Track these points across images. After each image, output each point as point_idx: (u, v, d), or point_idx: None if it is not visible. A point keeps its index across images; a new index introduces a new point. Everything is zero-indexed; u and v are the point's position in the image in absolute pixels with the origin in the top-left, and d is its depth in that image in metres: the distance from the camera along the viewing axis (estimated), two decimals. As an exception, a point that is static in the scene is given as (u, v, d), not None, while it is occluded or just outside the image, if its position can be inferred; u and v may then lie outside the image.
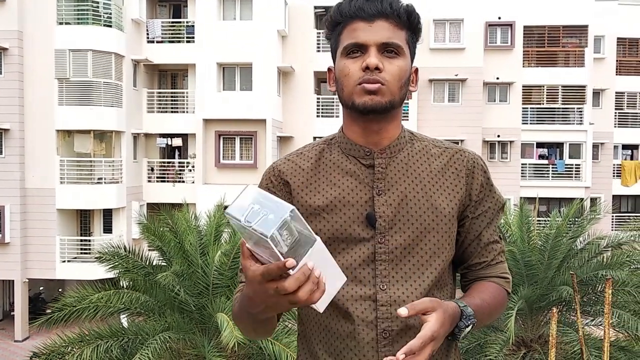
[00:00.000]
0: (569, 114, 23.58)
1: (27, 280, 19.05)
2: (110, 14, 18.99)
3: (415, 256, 1.38)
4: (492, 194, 1.49)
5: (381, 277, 1.36)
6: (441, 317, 1.21)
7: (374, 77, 1.34)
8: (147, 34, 21.14)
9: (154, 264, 10.11)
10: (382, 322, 1.35)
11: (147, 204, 20.72)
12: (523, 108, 23.35)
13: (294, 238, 1.06)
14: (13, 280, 19.06)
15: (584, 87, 23.25)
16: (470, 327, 1.31)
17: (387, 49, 1.36)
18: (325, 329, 1.40)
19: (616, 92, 24.50)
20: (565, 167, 23.40)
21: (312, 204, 1.41)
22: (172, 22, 21.65)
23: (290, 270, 1.03)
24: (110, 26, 18.98)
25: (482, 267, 1.49)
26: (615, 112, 24.68)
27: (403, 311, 1.18)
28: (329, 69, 1.49)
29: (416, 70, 1.47)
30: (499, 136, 22.89)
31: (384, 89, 1.35)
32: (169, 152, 21.94)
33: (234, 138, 20.86)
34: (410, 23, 1.41)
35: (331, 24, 1.43)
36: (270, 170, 1.49)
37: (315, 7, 21.74)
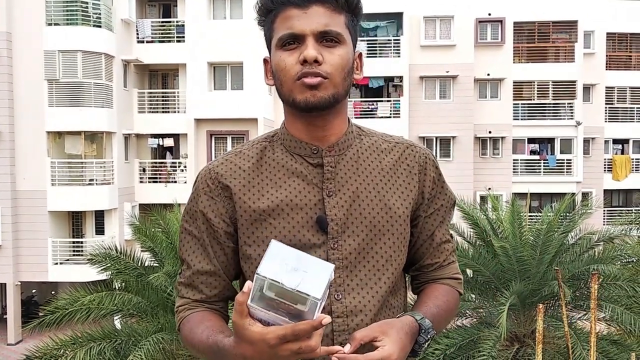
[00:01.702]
0: (559, 110, 23.67)
1: (19, 283, 18.95)
2: (100, 14, 18.88)
3: (370, 261, 1.29)
4: (444, 190, 1.41)
5: (335, 286, 1.25)
6: (397, 339, 1.13)
7: (314, 71, 1.21)
8: (137, 34, 21.06)
9: (146, 265, 10.09)
10: (339, 335, 1.23)
11: (140, 204, 20.63)
12: (514, 104, 23.41)
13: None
14: (5, 284, 18.96)
15: (574, 82, 23.34)
16: (429, 340, 1.24)
17: (326, 38, 1.23)
18: None
19: (606, 87, 24.61)
20: (557, 163, 23.50)
21: (257, 208, 1.29)
22: (162, 22, 21.57)
23: None
24: (100, 26, 18.88)
25: (434, 269, 1.42)
26: (606, 107, 24.78)
27: (346, 348, 1.11)
28: (264, 60, 1.36)
29: (360, 55, 1.34)
30: (490, 132, 22.95)
31: (326, 82, 1.22)
32: (160, 152, 21.88)
33: (226, 137, 20.82)
34: (348, 5, 1.27)
35: (262, 12, 1.30)
36: (206, 173, 1.34)
37: (306, 6, 21.68)
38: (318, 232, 1.27)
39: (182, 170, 21.09)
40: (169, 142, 21.30)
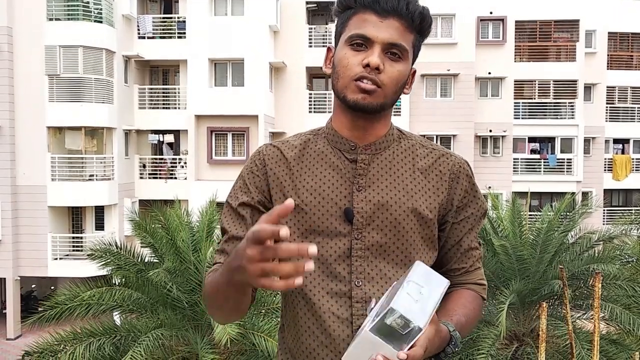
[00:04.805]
0: (560, 109, 23.66)
1: (19, 278, 18.96)
2: (101, 9, 18.86)
3: (390, 254, 1.37)
4: (476, 200, 1.47)
5: (357, 274, 1.35)
6: (432, 335, 1.18)
7: (372, 77, 1.30)
8: (138, 29, 21.03)
9: (146, 260, 10.08)
10: (357, 318, 1.32)
11: (140, 200, 20.64)
12: (515, 103, 23.39)
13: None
14: (5, 278, 18.97)
15: (576, 81, 23.32)
16: (455, 352, 1.31)
17: (392, 50, 1.32)
18: (299, 325, 1.37)
19: (607, 87, 24.58)
20: (557, 162, 23.49)
21: (292, 193, 1.39)
22: (163, 18, 21.54)
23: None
24: (101, 22, 18.86)
25: (460, 274, 1.48)
26: (607, 107, 24.76)
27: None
28: (328, 48, 1.44)
29: (414, 72, 1.43)
30: (490, 131, 22.93)
31: (379, 91, 1.31)
32: (160, 148, 21.86)
33: (226, 134, 20.80)
34: (421, 27, 1.37)
35: (341, 6, 1.39)
36: (256, 155, 1.47)
37: (307, 3, 21.68)
38: (344, 222, 1.36)
39: (182, 167, 21.08)
40: (170, 138, 21.29)
